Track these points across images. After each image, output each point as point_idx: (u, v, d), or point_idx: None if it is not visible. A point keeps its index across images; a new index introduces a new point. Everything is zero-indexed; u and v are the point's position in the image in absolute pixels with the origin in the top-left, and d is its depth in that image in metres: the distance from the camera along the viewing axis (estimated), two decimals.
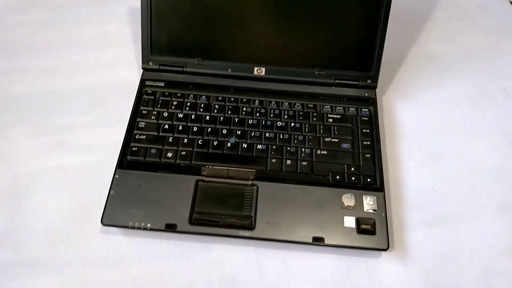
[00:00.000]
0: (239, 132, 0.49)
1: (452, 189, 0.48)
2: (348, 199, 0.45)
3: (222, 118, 0.50)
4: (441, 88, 0.57)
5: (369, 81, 0.52)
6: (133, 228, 0.42)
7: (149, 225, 0.42)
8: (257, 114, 0.51)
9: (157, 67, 0.53)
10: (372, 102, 0.52)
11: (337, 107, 0.52)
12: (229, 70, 0.53)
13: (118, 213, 0.43)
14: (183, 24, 0.52)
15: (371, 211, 0.44)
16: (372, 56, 0.51)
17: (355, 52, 0.52)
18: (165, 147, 0.48)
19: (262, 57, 0.53)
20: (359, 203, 0.45)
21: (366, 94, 0.53)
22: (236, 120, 0.50)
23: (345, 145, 0.49)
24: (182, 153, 0.48)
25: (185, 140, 0.48)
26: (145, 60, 0.53)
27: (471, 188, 0.48)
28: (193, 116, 0.50)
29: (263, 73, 0.53)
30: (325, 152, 0.48)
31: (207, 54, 0.53)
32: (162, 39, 0.53)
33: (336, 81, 0.53)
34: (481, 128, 0.53)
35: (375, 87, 0.53)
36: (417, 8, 0.66)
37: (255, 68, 0.53)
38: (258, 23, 0.51)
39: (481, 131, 0.53)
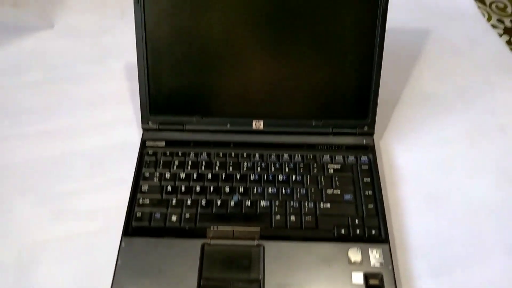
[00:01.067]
0: (242, 189, 0.50)
1: (457, 232, 0.48)
2: (354, 254, 0.45)
3: (224, 175, 0.51)
4: (437, 127, 0.58)
5: (366, 128, 0.53)
6: None
7: None
8: (259, 169, 0.51)
9: (157, 127, 0.54)
10: (370, 150, 0.53)
11: (337, 156, 0.52)
12: (228, 125, 0.54)
13: (126, 284, 0.43)
14: (180, 81, 0.53)
15: (378, 265, 0.44)
16: (368, 104, 0.52)
17: (351, 101, 0.53)
18: (169, 210, 0.48)
19: (259, 111, 0.54)
20: (366, 257, 0.45)
21: (364, 141, 0.53)
22: (238, 176, 0.51)
23: (347, 197, 0.49)
24: (186, 215, 0.48)
25: (189, 202, 0.49)
26: (144, 120, 0.54)
27: (476, 230, 0.49)
28: (195, 175, 0.51)
29: (261, 126, 0.54)
30: (328, 205, 0.48)
31: (205, 111, 0.54)
32: (160, 98, 0.53)
33: (334, 130, 0.53)
34: (480, 167, 0.54)
35: (373, 134, 0.54)
36: (407, 44, 0.67)
37: (254, 122, 0.53)
38: (254, 78, 0.52)
39: (480, 169, 0.54)
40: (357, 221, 0.47)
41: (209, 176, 0.51)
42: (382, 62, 0.50)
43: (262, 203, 0.49)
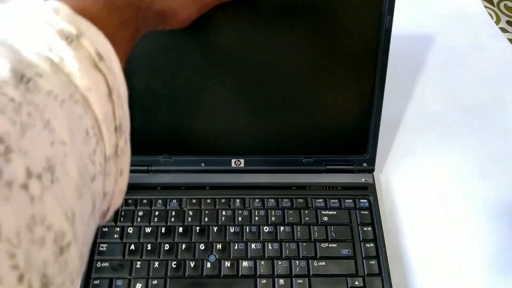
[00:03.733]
0: (220, 246, 0.42)
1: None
2: None
3: (198, 228, 0.42)
4: (445, 156, 0.50)
5: (365, 164, 0.45)
6: None
7: None
8: (239, 218, 0.43)
9: None
10: (370, 190, 0.45)
11: (332, 200, 0.44)
12: (203, 164, 0.45)
13: None
14: (143, 117, 0.43)
15: None
16: (367, 137, 0.44)
17: (347, 134, 0.45)
18: (133, 275, 0.40)
19: (239, 148, 0.45)
20: None
21: (363, 180, 0.46)
22: (215, 229, 0.42)
23: (345, 251, 0.42)
24: (153, 282, 0.40)
25: (156, 264, 0.40)
26: None
27: (495, 283, 0.42)
28: (163, 229, 0.42)
29: (242, 165, 0.45)
30: (323, 264, 0.41)
31: (175, 150, 0.45)
32: None
33: (327, 167, 0.45)
34: (493, 206, 0.47)
35: (373, 171, 0.46)
36: (408, 53, 0.58)
37: (233, 161, 0.45)
38: (232, 109, 0.43)
39: (493, 208, 0.47)
40: (357, 283, 0.40)
41: (180, 229, 0.42)
42: (384, 89, 0.42)
43: (245, 263, 0.41)
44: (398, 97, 0.54)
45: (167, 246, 0.41)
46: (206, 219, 0.43)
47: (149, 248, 0.41)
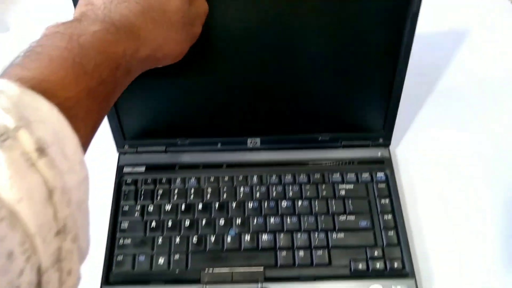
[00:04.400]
0: (239, 221, 0.42)
1: (488, 258, 0.42)
2: None
3: (217, 204, 0.43)
4: (463, 133, 0.50)
5: (381, 140, 0.46)
6: None
7: None
8: (258, 194, 0.44)
9: (135, 150, 0.46)
10: (387, 163, 0.45)
11: (348, 174, 0.45)
12: (219, 145, 0.46)
13: None
14: (157, 102, 0.43)
15: None
16: (385, 115, 0.44)
17: (364, 112, 0.44)
18: (155, 251, 0.41)
19: (255, 128, 0.45)
20: None
21: (379, 154, 0.46)
22: (234, 205, 0.43)
23: (363, 223, 0.42)
24: (175, 257, 0.40)
25: (177, 239, 0.41)
26: (119, 144, 0.46)
27: (509, 252, 0.42)
28: (183, 206, 0.43)
29: (258, 144, 0.46)
30: (342, 235, 0.41)
31: (190, 133, 0.45)
32: (134, 122, 0.44)
33: (343, 143, 0.46)
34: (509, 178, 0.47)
35: (389, 145, 0.46)
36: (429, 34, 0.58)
37: (249, 140, 0.45)
38: (248, 90, 0.42)
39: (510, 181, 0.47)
40: (376, 253, 0.40)
41: (200, 206, 0.43)
42: (406, 69, 0.40)
43: (264, 236, 0.41)
44: (419, 76, 0.54)
45: (187, 222, 0.42)
46: (225, 195, 0.44)
47: (169, 224, 0.42)
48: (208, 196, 0.44)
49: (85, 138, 0.23)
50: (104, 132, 0.49)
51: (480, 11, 0.61)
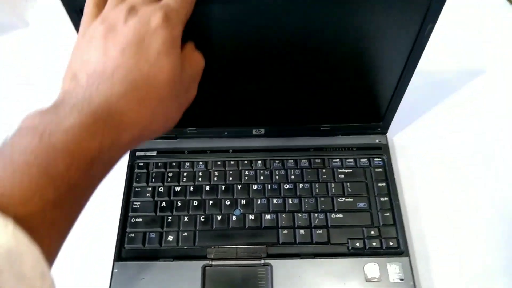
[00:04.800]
0: (244, 202, 0.45)
1: (482, 240, 0.44)
2: (371, 270, 0.41)
3: (223, 186, 0.46)
4: (457, 117, 0.52)
5: (379, 129, 0.48)
6: None
7: None
8: (261, 177, 0.46)
9: None
10: (384, 150, 0.48)
11: (347, 159, 0.47)
12: (226, 133, 0.48)
13: None
14: None
15: (398, 280, 0.40)
16: (385, 109, 0.45)
17: (365, 106, 0.46)
18: (165, 229, 0.44)
19: (260, 119, 0.47)
20: (384, 272, 0.41)
21: (377, 141, 0.48)
22: (239, 187, 0.46)
23: (361, 204, 0.44)
24: (184, 234, 0.43)
25: (186, 218, 0.44)
26: None
27: (504, 239, 0.44)
28: (191, 188, 0.46)
29: (262, 133, 0.48)
30: (341, 216, 0.44)
31: (199, 123, 0.48)
32: None
33: (344, 132, 0.48)
34: (507, 167, 0.49)
35: (386, 133, 0.48)
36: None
37: (254, 130, 0.48)
38: (253, 84, 0.43)
39: (508, 170, 0.49)
40: (372, 232, 0.43)
41: (207, 188, 0.46)
42: (415, 68, 0.40)
43: (267, 216, 0.44)
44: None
45: (195, 203, 0.45)
46: (231, 178, 0.46)
47: (179, 204, 0.45)
48: (215, 178, 0.46)
49: (53, 246, 0.22)
50: None
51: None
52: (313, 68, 0.40)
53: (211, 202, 0.45)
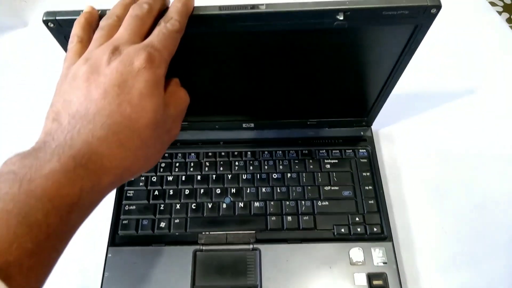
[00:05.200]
0: (234, 190, 0.47)
1: (463, 227, 0.46)
2: (356, 254, 0.42)
3: (214, 176, 0.48)
4: (441, 112, 0.55)
5: (364, 123, 0.50)
6: None
7: None
8: (251, 167, 0.48)
9: None
10: (369, 141, 0.50)
11: (333, 151, 0.49)
12: (217, 126, 0.50)
13: None
14: None
15: (382, 264, 0.42)
16: (372, 106, 0.47)
17: (353, 104, 0.48)
18: (157, 216, 0.45)
19: (250, 115, 0.49)
20: (368, 257, 0.42)
21: (362, 133, 0.50)
22: (229, 176, 0.48)
23: (346, 193, 0.46)
24: (175, 221, 0.45)
25: (178, 206, 0.46)
26: None
27: (483, 224, 0.46)
28: (183, 178, 0.48)
29: (252, 126, 0.50)
30: (327, 203, 0.45)
31: (191, 117, 0.49)
32: None
33: (330, 125, 0.50)
34: (485, 156, 0.51)
35: (370, 126, 0.51)
36: None
37: (243, 124, 0.50)
38: (244, 83, 0.44)
39: (486, 159, 0.51)
40: (357, 219, 0.45)
41: (198, 177, 0.48)
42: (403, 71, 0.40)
43: (256, 204, 0.46)
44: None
45: (187, 191, 0.47)
46: (221, 168, 0.48)
47: (171, 193, 0.46)
48: (206, 168, 0.48)
49: None
50: None
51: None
52: (300, 70, 0.41)
53: (202, 190, 0.47)
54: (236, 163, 0.49)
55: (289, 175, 0.48)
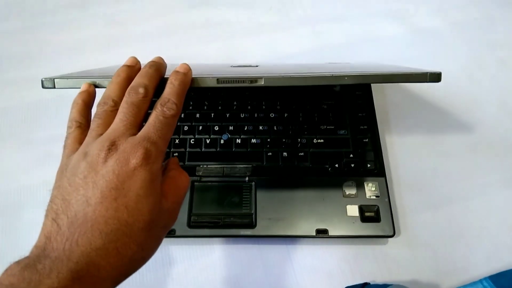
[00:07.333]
0: (232, 128, 0.48)
1: (454, 167, 0.47)
2: (349, 187, 0.44)
3: (213, 114, 0.49)
4: (435, 64, 0.55)
5: None
6: None
7: None
8: (249, 107, 0.49)
9: None
10: (366, 84, 0.50)
11: (331, 92, 0.50)
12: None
13: None
14: None
15: (374, 197, 0.43)
16: None
17: None
18: None
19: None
20: (361, 190, 0.43)
21: None
22: (228, 115, 0.48)
23: (341, 132, 0.47)
24: (174, 154, 0.46)
25: (177, 141, 0.47)
26: None
27: (474, 163, 0.47)
28: (182, 115, 0.49)
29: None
30: (322, 141, 0.46)
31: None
32: None
33: None
34: (479, 101, 0.52)
35: None
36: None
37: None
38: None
39: (479, 103, 0.52)
40: (352, 156, 0.46)
41: (197, 115, 0.49)
42: None
43: (253, 140, 0.47)
44: (390, 15, 0.60)
45: (186, 128, 0.48)
46: (220, 107, 0.49)
47: None
48: (205, 107, 0.49)
49: None
50: (113, 51, 0.55)
51: None
52: None
53: (200, 127, 0.48)
54: (235, 103, 0.49)
55: (286, 114, 0.48)
